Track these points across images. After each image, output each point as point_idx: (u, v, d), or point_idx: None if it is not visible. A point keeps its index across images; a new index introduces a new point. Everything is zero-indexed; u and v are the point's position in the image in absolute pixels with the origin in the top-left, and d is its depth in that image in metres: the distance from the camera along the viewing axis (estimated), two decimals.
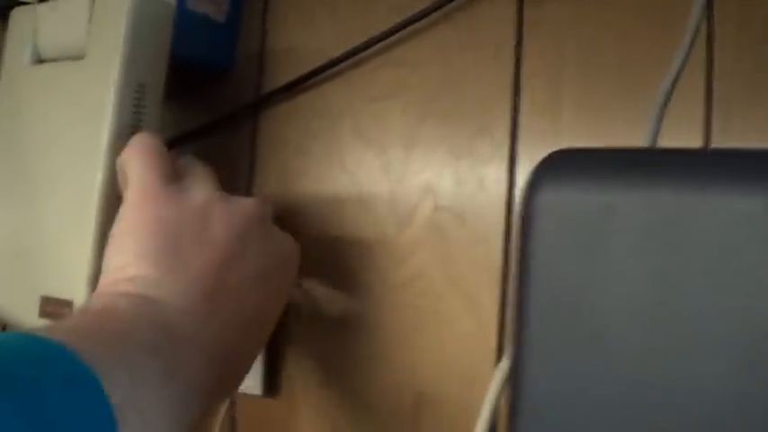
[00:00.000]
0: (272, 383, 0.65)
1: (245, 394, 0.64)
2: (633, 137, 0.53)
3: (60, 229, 0.59)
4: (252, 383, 0.63)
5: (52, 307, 0.58)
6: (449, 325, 0.58)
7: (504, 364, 0.46)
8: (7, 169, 0.64)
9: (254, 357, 0.55)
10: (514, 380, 0.37)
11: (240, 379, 0.53)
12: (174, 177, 0.54)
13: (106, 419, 0.39)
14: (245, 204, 0.54)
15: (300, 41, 0.67)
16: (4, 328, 0.66)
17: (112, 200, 0.56)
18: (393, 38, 0.62)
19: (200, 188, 0.53)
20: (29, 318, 0.59)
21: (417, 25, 0.61)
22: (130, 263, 0.50)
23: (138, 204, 0.52)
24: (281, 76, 0.67)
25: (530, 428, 0.36)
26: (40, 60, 0.64)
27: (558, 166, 0.37)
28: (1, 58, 0.67)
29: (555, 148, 0.54)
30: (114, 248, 0.52)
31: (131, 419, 0.41)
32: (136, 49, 0.57)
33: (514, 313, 0.37)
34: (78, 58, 0.60)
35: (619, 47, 0.55)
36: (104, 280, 0.51)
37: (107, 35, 0.58)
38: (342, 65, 0.64)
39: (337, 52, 0.64)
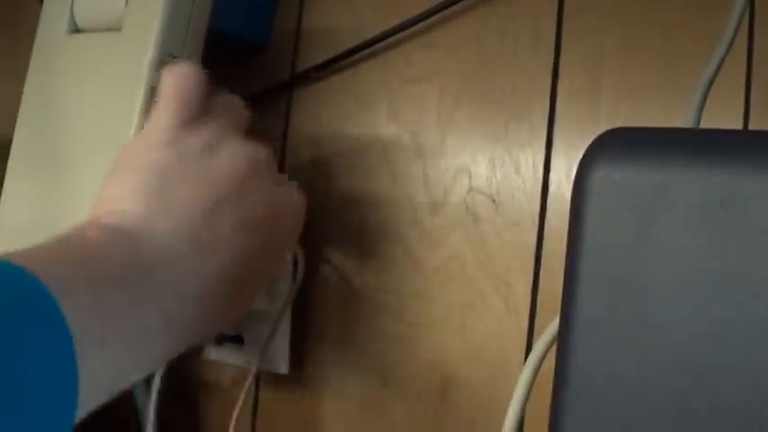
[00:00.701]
0: (298, 363, 0.64)
1: (271, 373, 0.64)
2: (673, 123, 0.53)
3: (88, 199, 0.59)
4: (278, 362, 0.63)
5: None
6: (480, 308, 0.58)
7: (541, 343, 0.46)
8: (38, 139, 0.64)
9: (238, 308, 0.54)
10: (560, 356, 0.36)
11: (220, 323, 0.53)
12: (196, 116, 0.53)
13: (64, 342, 0.39)
14: (252, 151, 0.53)
15: (337, 20, 0.67)
16: None
17: None
18: (431, 20, 0.62)
19: (211, 131, 0.53)
20: None
21: (456, 8, 0.61)
22: (122, 196, 0.50)
23: (144, 145, 0.52)
24: (317, 54, 0.67)
25: (575, 405, 0.36)
26: (75, 30, 0.64)
27: (611, 144, 0.37)
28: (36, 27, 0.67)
29: (592, 136, 0.54)
30: (111, 180, 0.52)
31: (91, 348, 0.40)
32: (173, 23, 0.57)
33: (563, 290, 0.37)
34: (115, 29, 0.60)
35: (660, 37, 0.54)
36: (95, 210, 0.51)
37: (145, 7, 0.58)
38: (378, 45, 0.64)
39: (374, 33, 0.64)
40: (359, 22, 0.66)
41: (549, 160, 0.57)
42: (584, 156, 0.37)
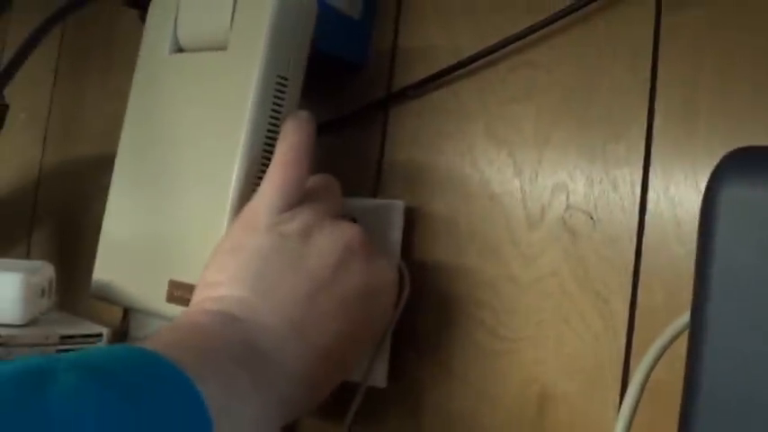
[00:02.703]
0: (395, 377, 0.65)
1: (369, 387, 0.65)
2: None
3: (193, 216, 0.60)
4: (377, 377, 0.64)
5: (181, 291, 0.59)
6: (577, 324, 0.59)
7: (646, 360, 0.47)
8: (141, 156, 0.65)
9: (338, 379, 0.57)
10: (691, 373, 0.37)
11: (320, 398, 0.55)
12: (296, 202, 0.57)
13: (204, 422, 0.42)
14: (346, 234, 0.56)
15: (434, 39, 0.68)
16: (126, 312, 0.67)
17: (247, 189, 0.58)
18: (528, 39, 0.62)
19: (308, 216, 0.56)
20: (155, 302, 0.61)
21: (553, 27, 0.62)
22: (223, 283, 0.53)
23: (246, 228, 0.55)
24: (414, 73, 0.68)
25: (705, 423, 0.36)
26: (179, 50, 0.65)
27: (739, 163, 0.37)
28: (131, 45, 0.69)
29: (690, 154, 0.55)
30: (214, 264, 0.55)
31: (224, 424, 0.44)
32: (279, 42, 0.59)
33: (692, 308, 0.37)
34: (219, 48, 0.61)
35: (757, 54, 0.54)
36: (198, 293, 0.55)
37: (251, 27, 0.59)
38: (476, 64, 0.65)
39: (471, 51, 0.65)
40: (455, 40, 0.67)
41: (647, 178, 0.57)
42: (711, 175, 0.38)
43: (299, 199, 0.57)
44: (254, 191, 0.57)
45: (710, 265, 0.37)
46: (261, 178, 0.58)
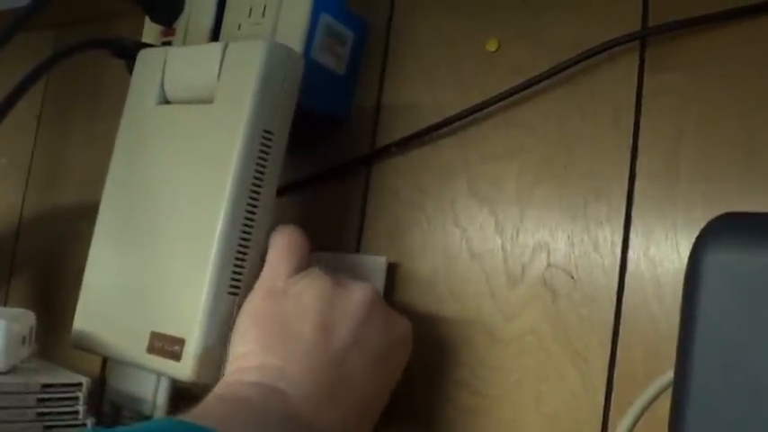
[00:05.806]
0: None
1: None
2: (751, 206, 0.54)
3: (176, 268, 0.60)
4: None
5: (162, 343, 0.59)
6: (555, 382, 0.59)
7: (627, 419, 0.47)
8: (125, 206, 0.65)
9: None
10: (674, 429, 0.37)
11: None
12: (305, 260, 0.58)
13: None
14: (362, 292, 0.57)
15: (419, 97, 0.69)
16: (105, 361, 0.67)
17: (231, 243, 0.58)
18: (512, 98, 0.63)
19: (321, 279, 0.57)
20: (136, 353, 0.60)
21: (536, 88, 0.62)
22: (255, 352, 0.54)
23: (263, 298, 0.57)
24: (397, 130, 0.69)
25: None
26: (165, 101, 0.65)
27: (723, 229, 0.38)
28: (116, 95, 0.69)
29: (671, 215, 0.55)
30: (240, 337, 0.56)
31: None
32: (265, 97, 0.59)
33: (675, 372, 0.38)
34: (206, 102, 0.61)
35: (739, 117, 0.55)
36: (232, 366, 0.55)
37: (238, 81, 0.60)
38: (459, 123, 0.65)
39: (455, 110, 0.65)
40: (439, 98, 0.67)
41: (628, 238, 0.58)
42: (696, 239, 0.38)
43: (307, 262, 0.58)
44: (237, 245, 0.58)
45: (694, 329, 0.37)
46: (245, 233, 0.58)
